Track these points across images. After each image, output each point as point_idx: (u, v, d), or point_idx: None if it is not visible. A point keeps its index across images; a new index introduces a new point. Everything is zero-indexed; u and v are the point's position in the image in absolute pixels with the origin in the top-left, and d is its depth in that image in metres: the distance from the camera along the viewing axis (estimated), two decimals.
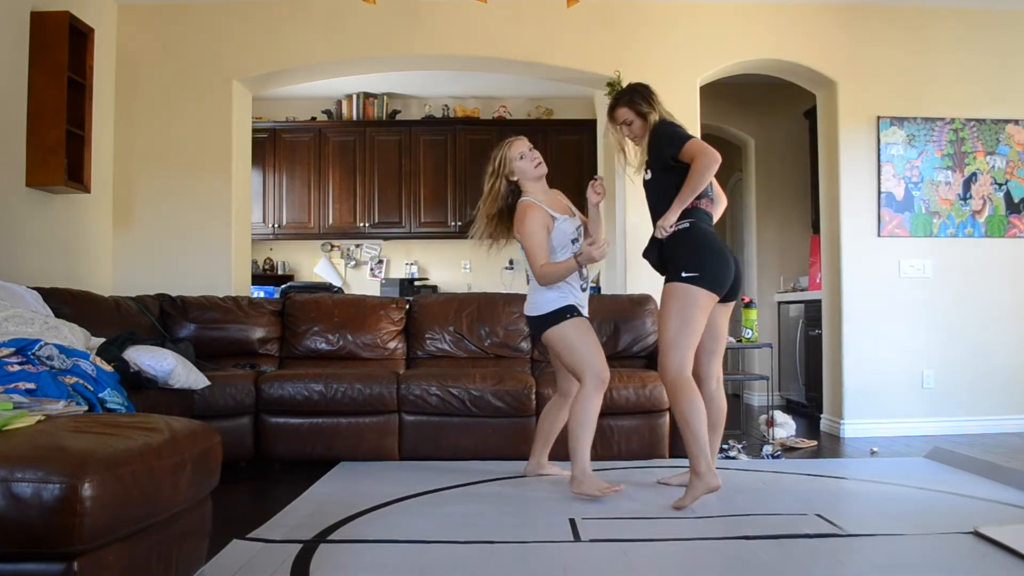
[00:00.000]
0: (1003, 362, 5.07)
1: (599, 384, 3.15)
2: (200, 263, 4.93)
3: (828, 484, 3.50)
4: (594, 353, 3.19)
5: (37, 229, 4.13)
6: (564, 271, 3.17)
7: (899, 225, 5.05)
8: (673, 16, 5.08)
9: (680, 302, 3.06)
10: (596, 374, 3.14)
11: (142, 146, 4.94)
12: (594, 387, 3.14)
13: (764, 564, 2.31)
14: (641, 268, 4.96)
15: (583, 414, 3.12)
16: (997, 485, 3.38)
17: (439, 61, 5.33)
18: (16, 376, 2.48)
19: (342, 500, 3.09)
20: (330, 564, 2.32)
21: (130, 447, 1.68)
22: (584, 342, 3.19)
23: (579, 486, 3.09)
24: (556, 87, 6.67)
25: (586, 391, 3.13)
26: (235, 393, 3.86)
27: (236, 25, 5.00)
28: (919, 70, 5.10)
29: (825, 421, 5.28)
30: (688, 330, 3.05)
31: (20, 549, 1.48)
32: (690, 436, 3.02)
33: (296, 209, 7.14)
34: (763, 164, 6.81)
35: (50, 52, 3.99)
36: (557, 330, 3.20)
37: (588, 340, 3.20)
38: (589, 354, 3.17)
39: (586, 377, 3.14)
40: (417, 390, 3.92)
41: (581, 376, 3.16)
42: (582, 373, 3.16)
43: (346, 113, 7.27)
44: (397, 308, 4.71)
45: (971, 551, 2.42)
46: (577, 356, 3.18)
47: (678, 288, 3.08)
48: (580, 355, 3.17)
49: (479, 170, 7.22)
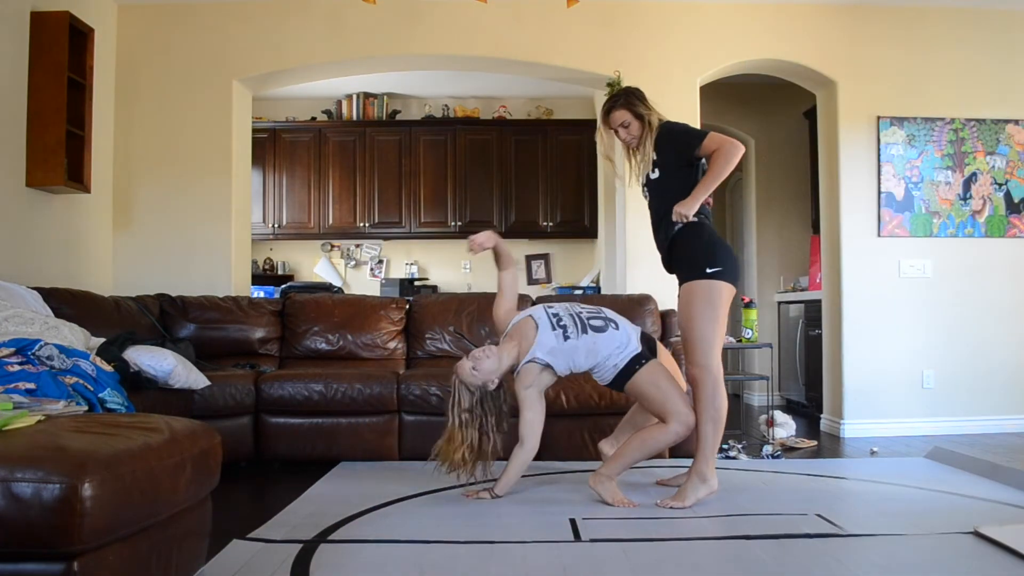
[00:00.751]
0: (1003, 362, 5.07)
1: (685, 430, 3.00)
2: (200, 263, 4.93)
3: (828, 484, 3.49)
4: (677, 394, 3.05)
5: (37, 229, 4.13)
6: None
7: (899, 225, 5.05)
8: (673, 16, 5.08)
9: (708, 299, 3.04)
10: (684, 420, 2.99)
11: (142, 146, 4.95)
12: (677, 432, 3.00)
13: (764, 564, 2.31)
14: (641, 268, 4.98)
15: (653, 443, 3.02)
16: (997, 485, 3.38)
17: (439, 61, 5.33)
18: (16, 376, 2.49)
19: (342, 500, 3.09)
20: (330, 564, 2.32)
21: (130, 447, 1.68)
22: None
23: (599, 484, 3.04)
24: (556, 87, 6.67)
25: (671, 428, 2.99)
26: (235, 393, 3.86)
27: (236, 25, 5.00)
28: (919, 70, 5.10)
29: (825, 421, 5.28)
30: (719, 327, 3.05)
31: (20, 549, 1.48)
32: (715, 437, 3.00)
33: (296, 209, 7.15)
34: (763, 164, 6.81)
35: (50, 52, 3.99)
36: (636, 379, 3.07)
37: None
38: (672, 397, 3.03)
39: (672, 419, 2.99)
40: (417, 390, 3.92)
41: (667, 417, 3.01)
42: (667, 414, 3.01)
43: (346, 113, 7.27)
44: (397, 308, 4.72)
45: (971, 551, 2.42)
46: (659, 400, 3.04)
47: (703, 285, 3.05)
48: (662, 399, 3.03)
49: (479, 170, 7.29)
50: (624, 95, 3.34)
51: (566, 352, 3.04)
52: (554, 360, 3.05)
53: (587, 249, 7.44)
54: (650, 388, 3.04)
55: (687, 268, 3.12)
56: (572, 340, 3.04)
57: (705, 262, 3.05)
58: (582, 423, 3.92)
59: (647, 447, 3.03)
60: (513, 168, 7.18)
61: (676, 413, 2.99)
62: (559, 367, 3.08)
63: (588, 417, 3.90)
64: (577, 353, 3.05)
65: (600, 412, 3.85)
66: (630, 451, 3.04)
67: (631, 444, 3.05)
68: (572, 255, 7.46)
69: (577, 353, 3.05)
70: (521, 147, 7.20)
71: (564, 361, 3.07)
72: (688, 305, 3.10)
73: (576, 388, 3.89)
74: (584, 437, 3.93)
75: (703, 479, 3.02)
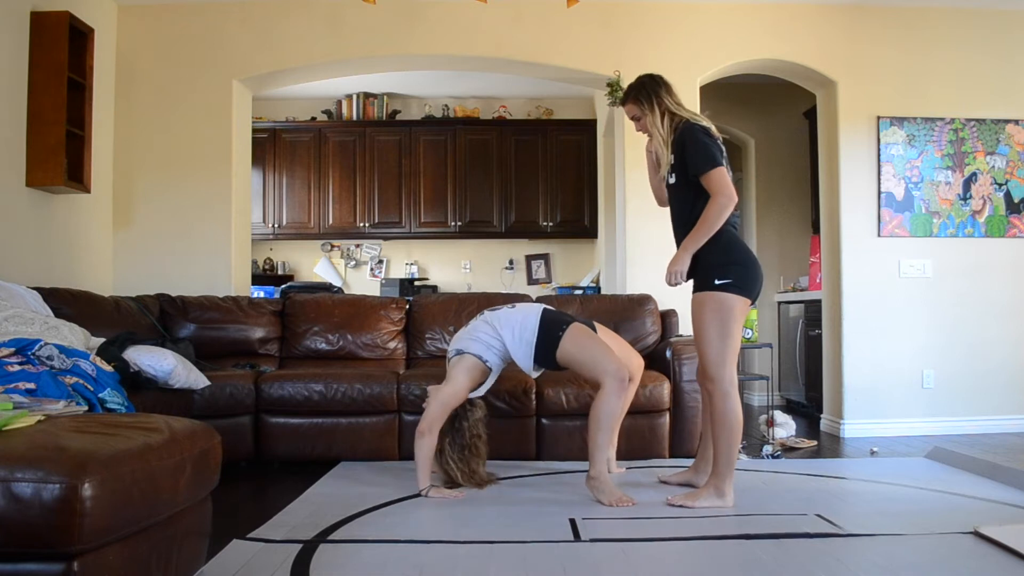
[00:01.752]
0: (1003, 362, 5.07)
1: (618, 384, 3.10)
2: (200, 263, 4.93)
3: (828, 484, 3.49)
4: (606, 353, 3.17)
5: (37, 229, 4.13)
6: None
7: (899, 225, 5.05)
8: (673, 16, 5.08)
9: (716, 312, 2.98)
10: (614, 373, 3.10)
11: (142, 146, 4.95)
12: (612, 388, 3.10)
13: (764, 564, 2.31)
14: (640, 268, 4.99)
15: (602, 414, 3.10)
16: (997, 485, 3.38)
17: (439, 61, 5.33)
18: (16, 376, 2.49)
19: (342, 500, 3.09)
20: (330, 564, 2.32)
21: (130, 447, 1.68)
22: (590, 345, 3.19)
23: (594, 487, 3.08)
24: (556, 87, 6.67)
25: (607, 388, 3.09)
26: (235, 393, 3.86)
27: (236, 25, 5.00)
28: (919, 70, 5.10)
29: (825, 421, 5.28)
30: (731, 340, 2.99)
31: (20, 549, 1.48)
32: (729, 451, 2.99)
33: (296, 209, 7.15)
34: (763, 164, 6.81)
35: (50, 52, 3.99)
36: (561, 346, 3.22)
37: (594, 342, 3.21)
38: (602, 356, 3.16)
39: (605, 379, 3.11)
40: (417, 390, 3.92)
41: (600, 379, 3.12)
42: (599, 376, 3.13)
43: (346, 113, 7.27)
44: (397, 308, 4.72)
45: (971, 551, 2.42)
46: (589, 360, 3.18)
47: (709, 297, 3.00)
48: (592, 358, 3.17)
49: (479, 170, 7.29)
50: (634, 87, 3.28)
51: (469, 331, 3.32)
52: (463, 344, 3.29)
53: (587, 249, 7.45)
54: (577, 352, 3.17)
55: (698, 279, 3.08)
56: (472, 321, 3.39)
57: (715, 274, 3.00)
58: (582, 423, 3.91)
59: (600, 423, 3.09)
60: (513, 168, 7.18)
61: (605, 371, 3.10)
62: (470, 347, 3.28)
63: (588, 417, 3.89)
64: (479, 329, 3.30)
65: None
66: (592, 437, 3.10)
67: (589, 431, 3.13)
68: (572, 255, 7.46)
69: (479, 329, 3.30)
70: (521, 147, 7.20)
71: (471, 341, 3.28)
72: (697, 318, 3.07)
73: (576, 388, 3.90)
74: (584, 437, 3.92)
75: (720, 494, 2.99)
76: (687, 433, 4.00)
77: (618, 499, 3.00)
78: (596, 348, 3.18)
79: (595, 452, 3.10)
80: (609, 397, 3.09)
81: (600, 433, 3.08)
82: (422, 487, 3.16)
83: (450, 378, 3.26)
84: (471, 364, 3.27)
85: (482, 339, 3.29)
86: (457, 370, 3.26)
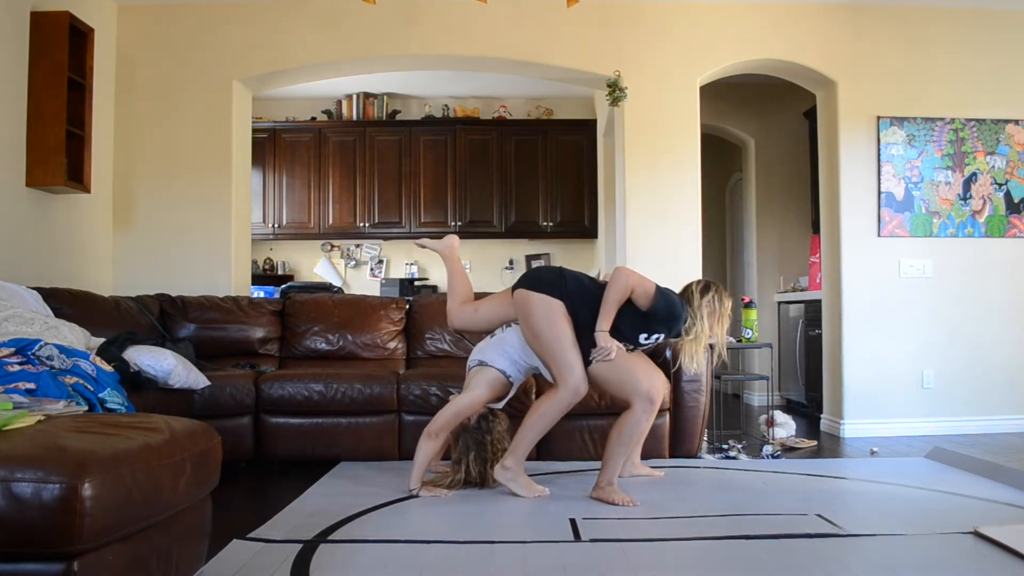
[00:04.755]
0: (1003, 362, 5.07)
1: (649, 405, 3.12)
2: (200, 263, 4.93)
3: (828, 484, 3.49)
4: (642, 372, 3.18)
5: (37, 229, 4.13)
6: None
7: (899, 225, 5.05)
8: (673, 16, 5.07)
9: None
10: (644, 394, 3.11)
11: (142, 146, 4.95)
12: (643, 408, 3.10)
13: (764, 564, 2.31)
14: (640, 268, 4.95)
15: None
16: (997, 485, 3.38)
17: (439, 61, 5.33)
18: (16, 376, 2.49)
19: (342, 500, 3.09)
20: (330, 564, 2.32)
21: (130, 447, 1.68)
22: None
23: (605, 494, 3.07)
24: (556, 87, 6.67)
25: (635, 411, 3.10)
26: (235, 393, 3.86)
27: (236, 25, 5.00)
28: (919, 70, 5.10)
29: (825, 421, 5.28)
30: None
31: (20, 549, 1.48)
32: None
33: (296, 209, 7.15)
34: (763, 164, 6.81)
35: (50, 52, 3.99)
36: None
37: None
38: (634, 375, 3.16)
39: (634, 399, 3.11)
40: (417, 390, 3.92)
41: (630, 398, 3.13)
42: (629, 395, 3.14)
43: (346, 113, 7.27)
44: (397, 308, 4.72)
45: (971, 551, 2.42)
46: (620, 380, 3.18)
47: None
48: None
49: (479, 170, 7.30)
50: None
51: (498, 342, 3.31)
52: (489, 357, 3.28)
53: (587, 249, 7.45)
54: (608, 371, 3.15)
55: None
56: (499, 332, 3.37)
57: None
58: (582, 423, 3.92)
59: (623, 436, 3.10)
60: (513, 168, 7.18)
61: (635, 392, 3.10)
62: (495, 361, 3.26)
63: (588, 417, 3.90)
64: (507, 342, 3.29)
65: (600, 413, 3.85)
66: (612, 447, 3.10)
67: (610, 440, 3.12)
68: (572, 255, 7.46)
69: (507, 342, 3.29)
70: (521, 147, 7.21)
71: (497, 355, 3.27)
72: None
73: None
74: (584, 437, 3.94)
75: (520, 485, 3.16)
76: (687, 433, 4.00)
77: (622, 499, 3.03)
78: (627, 368, 3.12)
79: (609, 461, 3.10)
80: (639, 417, 3.08)
81: (621, 446, 3.10)
82: (413, 487, 3.17)
83: (469, 388, 3.24)
84: (494, 378, 3.24)
85: (509, 354, 3.27)
86: (478, 380, 3.24)
